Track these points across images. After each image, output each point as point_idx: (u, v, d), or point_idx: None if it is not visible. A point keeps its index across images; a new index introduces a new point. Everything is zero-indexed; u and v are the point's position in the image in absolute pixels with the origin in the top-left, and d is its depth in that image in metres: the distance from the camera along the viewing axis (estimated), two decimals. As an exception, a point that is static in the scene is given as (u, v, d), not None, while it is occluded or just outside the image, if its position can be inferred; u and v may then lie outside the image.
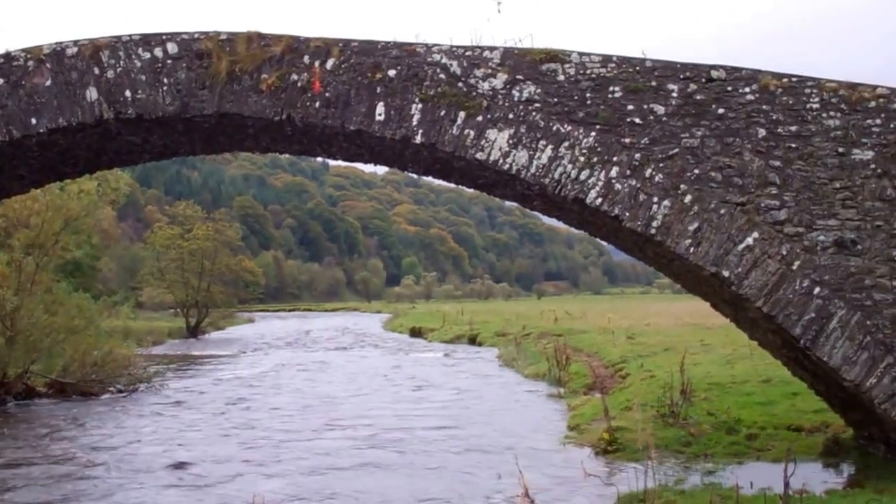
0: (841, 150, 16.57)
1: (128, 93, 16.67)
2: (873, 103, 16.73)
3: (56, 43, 16.94)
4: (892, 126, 16.63)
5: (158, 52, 16.75)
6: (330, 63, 16.66)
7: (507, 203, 22.45)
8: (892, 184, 16.51)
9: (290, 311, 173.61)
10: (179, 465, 21.89)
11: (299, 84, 16.61)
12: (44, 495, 19.12)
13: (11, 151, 17.32)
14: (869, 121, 16.66)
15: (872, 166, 16.54)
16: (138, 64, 16.71)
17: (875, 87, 16.90)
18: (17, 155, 17.65)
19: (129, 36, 16.89)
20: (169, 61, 16.72)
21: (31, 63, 16.79)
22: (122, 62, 16.72)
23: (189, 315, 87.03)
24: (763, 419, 22.98)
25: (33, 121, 16.70)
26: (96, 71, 16.72)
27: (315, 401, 34.34)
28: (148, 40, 16.83)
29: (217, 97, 16.63)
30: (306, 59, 16.70)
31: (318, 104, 16.56)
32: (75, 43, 16.88)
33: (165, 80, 16.68)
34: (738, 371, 30.55)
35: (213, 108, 16.67)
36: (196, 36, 16.84)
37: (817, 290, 16.27)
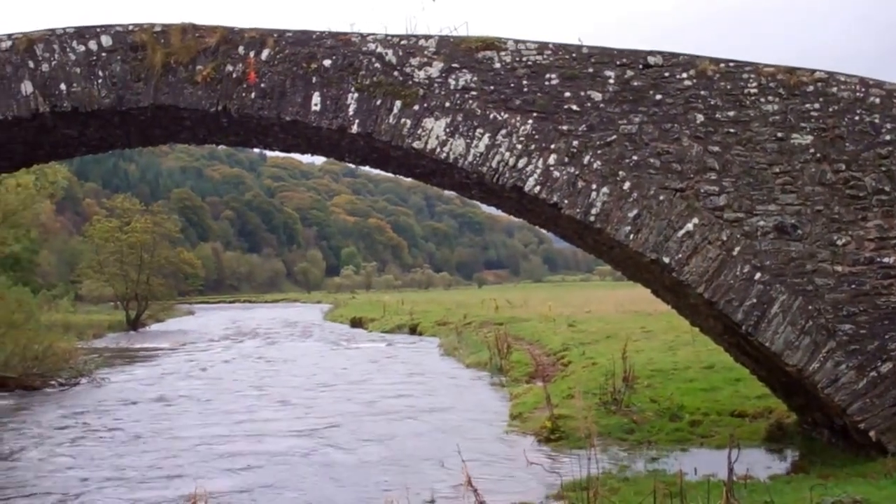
0: (780, 134, 16.53)
1: (63, 86, 16.47)
2: (811, 87, 16.71)
3: (-10, 38, 16.69)
4: (830, 110, 16.62)
5: (93, 44, 16.53)
6: (265, 54, 16.47)
7: (447, 192, 22.30)
8: (832, 168, 16.50)
9: (230, 302, 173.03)
10: (120, 459, 21.56)
11: (234, 75, 16.41)
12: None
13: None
14: (807, 105, 16.64)
15: (811, 151, 16.52)
16: (73, 57, 16.50)
17: (813, 72, 16.88)
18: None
19: (63, 29, 16.69)
20: (103, 54, 16.54)
21: (-37, 58, 16.51)
22: (56, 55, 16.50)
23: (129, 308, 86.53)
24: (706, 405, 23.02)
25: (-32, 117, 16.43)
26: (31, 64, 16.50)
27: (257, 394, 33.97)
28: (82, 33, 16.62)
29: (152, 89, 16.46)
30: (241, 49, 16.50)
31: (253, 95, 16.38)
32: (9, 36, 16.67)
33: (100, 73, 16.48)
34: (680, 357, 30.66)
35: (149, 101, 16.51)
36: (130, 28, 16.66)
37: (758, 275, 16.24)
